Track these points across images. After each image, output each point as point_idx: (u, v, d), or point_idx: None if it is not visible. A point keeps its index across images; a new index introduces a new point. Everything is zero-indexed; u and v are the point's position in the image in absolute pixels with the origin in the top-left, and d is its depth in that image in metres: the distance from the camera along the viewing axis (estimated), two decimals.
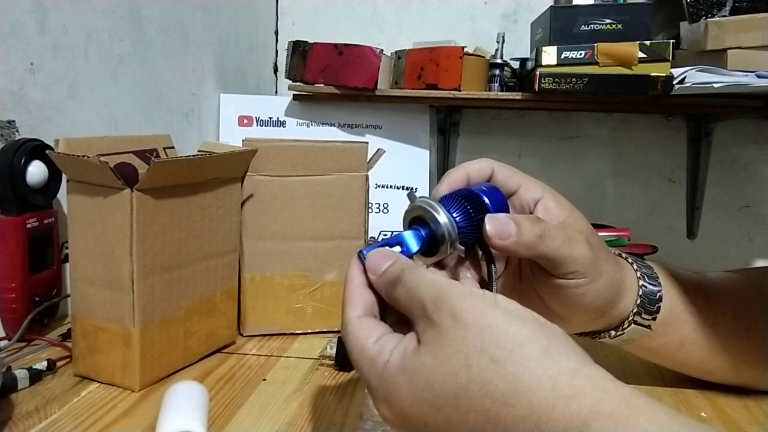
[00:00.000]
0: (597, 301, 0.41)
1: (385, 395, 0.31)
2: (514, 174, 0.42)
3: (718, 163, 1.31)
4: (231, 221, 0.59)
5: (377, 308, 0.35)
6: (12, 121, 0.62)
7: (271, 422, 0.46)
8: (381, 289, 0.34)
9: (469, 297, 0.30)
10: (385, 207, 1.20)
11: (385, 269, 0.34)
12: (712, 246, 1.33)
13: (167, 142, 0.66)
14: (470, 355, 0.28)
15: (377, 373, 0.31)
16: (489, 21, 1.35)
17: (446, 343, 0.29)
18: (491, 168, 0.42)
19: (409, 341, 0.31)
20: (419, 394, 0.29)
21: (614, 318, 0.45)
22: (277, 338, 0.64)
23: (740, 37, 0.94)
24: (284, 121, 1.21)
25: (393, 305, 0.34)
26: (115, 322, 0.50)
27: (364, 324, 0.33)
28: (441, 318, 0.30)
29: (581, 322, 0.44)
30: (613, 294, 0.43)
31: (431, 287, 0.31)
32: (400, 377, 0.30)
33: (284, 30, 1.42)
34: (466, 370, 0.28)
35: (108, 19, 0.77)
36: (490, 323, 0.29)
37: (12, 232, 0.59)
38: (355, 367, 0.33)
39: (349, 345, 0.33)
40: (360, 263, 0.36)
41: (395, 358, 0.30)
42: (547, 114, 1.32)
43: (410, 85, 1.15)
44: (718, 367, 0.49)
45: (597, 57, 1.02)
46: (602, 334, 0.46)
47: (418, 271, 0.33)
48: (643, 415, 0.26)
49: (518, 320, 0.29)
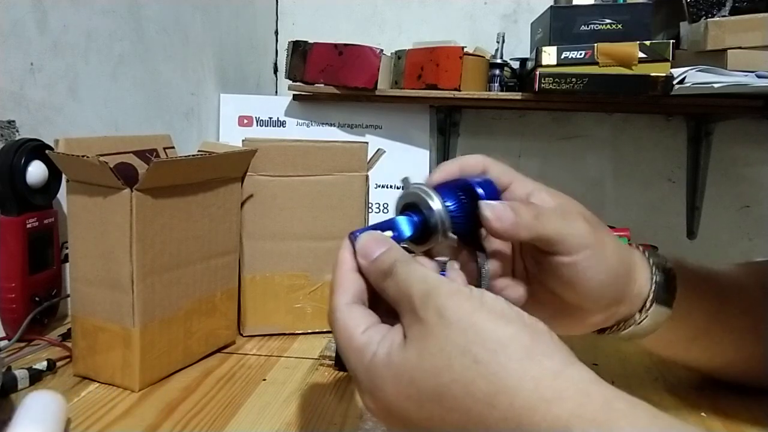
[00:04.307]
0: (608, 275, 0.40)
1: (371, 388, 0.31)
2: (507, 171, 0.42)
3: (718, 163, 1.31)
4: (231, 221, 0.59)
5: (366, 295, 0.34)
6: (12, 121, 0.62)
7: (271, 422, 0.46)
8: (370, 276, 0.34)
9: (456, 295, 0.30)
10: (385, 207, 1.20)
11: (377, 256, 0.33)
12: (712, 246, 1.33)
13: (167, 142, 0.66)
14: (453, 355, 0.28)
15: (364, 365, 0.31)
16: (489, 21, 1.35)
17: (431, 340, 0.29)
18: (484, 164, 0.42)
19: (395, 334, 0.31)
20: (403, 390, 0.29)
21: (634, 300, 0.44)
22: (277, 338, 0.64)
23: (740, 37, 0.94)
24: (284, 121, 1.21)
25: (381, 294, 0.33)
26: (115, 322, 0.50)
27: (353, 312, 0.33)
28: (427, 315, 0.29)
29: (600, 308, 0.43)
30: (623, 268, 0.42)
31: (421, 283, 0.31)
32: (385, 371, 0.30)
33: (284, 30, 1.42)
34: (449, 370, 0.28)
35: (108, 19, 0.77)
36: (475, 322, 0.29)
37: (12, 232, 0.59)
38: (341, 355, 0.33)
39: (336, 332, 0.32)
40: (351, 246, 0.35)
41: (382, 351, 0.30)
42: (547, 114, 1.32)
43: (410, 85, 1.15)
44: (729, 362, 0.49)
45: (597, 57, 1.02)
46: (627, 322, 0.45)
47: (409, 265, 0.32)
48: (625, 419, 0.26)
49: (503, 319, 0.29)
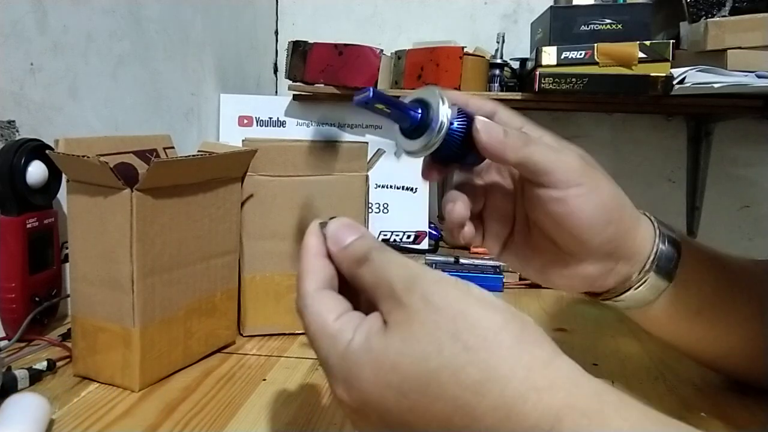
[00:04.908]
0: (600, 215, 0.40)
1: (346, 376, 0.29)
2: (517, 116, 0.43)
3: (718, 163, 1.30)
4: (231, 221, 0.59)
5: (336, 281, 0.33)
6: (12, 121, 0.62)
7: (271, 422, 0.46)
8: (342, 263, 0.32)
9: (442, 282, 0.29)
10: (385, 207, 1.19)
11: (350, 242, 0.32)
12: (712, 246, 1.33)
13: (167, 142, 0.66)
14: (442, 340, 0.27)
15: (338, 352, 0.29)
16: (489, 21, 1.35)
17: (416, 325, 0.27)
18: (495, 110, 0.42)
19: (374, 321, 0.29)
20: (384, 377, 0.27)
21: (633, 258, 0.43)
22: (277, 338, 0.64)
23: (740, 37, 0.94)
24: (284, 121, 1.21)
25: (352, 282, 0.32)
26: (115, 322, 0.50)
27: (324, 298, 0.31)
28: (411, 300, 0.28)
29: (594, 256, 0.42)
30: (619, 213, 0.41)
31: (402, 269, 0.30)
32: (364, 358, 0.28)
33: (284, 30, 1.42)
34: (437, 355, 0.27)
35: (108, 19, 0.77)
36: (464, 309, 0.28)
37: (12, 232, 0.59)
38: (312, 344, 0.31)
39: (306, 319, 0.31)
40: (319, 232, 0.33)
41: (359, 337, 0.29)
42: (547, 114, 1.32)
43: (410, 85, 1.15)
44: (732, 348, 0.48)
45: (597, 57, 1.02)
46: (625, 284, 0.44)
47: (387, 252, 0.31)
48: (616, 411, 0.26)
49: (492, 307, 0.28)
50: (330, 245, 0.33)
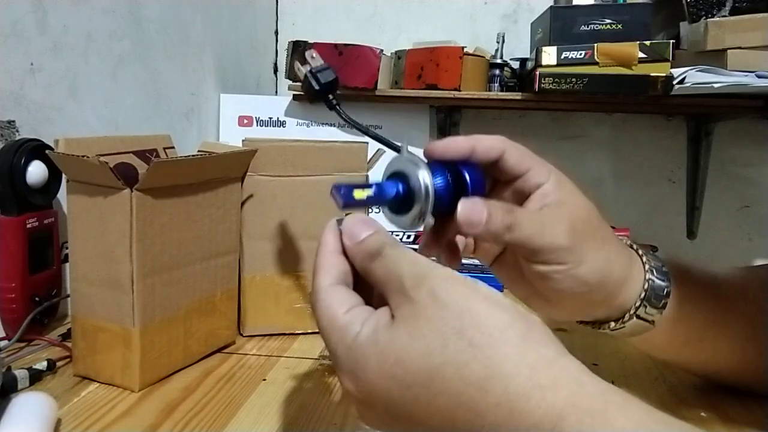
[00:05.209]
0: (580, 288, 0.41)
1: (353, 368, 0.29)
2: (526, 157, 0.41)
3: (718, 163, 1.31)
4: (231, 221, 0.59)
5: (351, 278, 0.33)
6: (12, 121, 0.62)
7: (271, 422, 0.46)
8: (355, 258, 0.33)
9: (451, 279, 0.29)
10: None
11: (364, 238, 0.32)
12: (712, 246, 1.33)
13: (167, 142, 0.66)
14: (448, 336, 0.27)
15: (346, 344, 0.30)
16: (489, 21, 1.35)
17: (422, 320, 0.28)
18: (503, 149, 0.40)
19: (382, 315, 0.30)
20: (389, 370, 0.28)
21: (615, 308, 0.44)
22: (277, 338, 0.64)
23: (740, 37, 0.94)
24: (284, 121, 1.21)
25: (365, 277, 0.32)
26: (115, 322, 0.50)
27: (336, 293, 0.32)
28: (420, 296, 0.29)
29: (573, 308, 0.43)
30: (600, 288, 0.42)
31: (412, 265, 0.30)
32: (370, 350, 0.29)
33: (284, 30, 1.42)
34: (442, 351, 0.27)
35: (108, 19, 0.77)
36: (471, 307, 0.28)
37: (12, 232, 0.59)
38: (323, 336, 0.31)
39: (318, 312, 0.32)
40: (336, 229, 0.34)
41: (366, 330, 0.29)
42: (547, 114, 1.32)
43: (410, 85, 1.15)
44: (723, 368, 0.49)
45: (597, 57, 1.02)
46: (602, 325, 0.45)
47: (399, 248, 0.31)
48: (620, 411, 0.26)
49: (498, 306, 0.28)
50: (345, 240, 0.33)
